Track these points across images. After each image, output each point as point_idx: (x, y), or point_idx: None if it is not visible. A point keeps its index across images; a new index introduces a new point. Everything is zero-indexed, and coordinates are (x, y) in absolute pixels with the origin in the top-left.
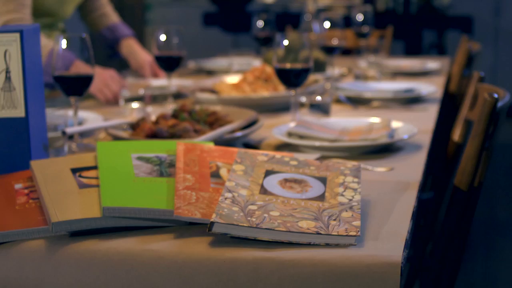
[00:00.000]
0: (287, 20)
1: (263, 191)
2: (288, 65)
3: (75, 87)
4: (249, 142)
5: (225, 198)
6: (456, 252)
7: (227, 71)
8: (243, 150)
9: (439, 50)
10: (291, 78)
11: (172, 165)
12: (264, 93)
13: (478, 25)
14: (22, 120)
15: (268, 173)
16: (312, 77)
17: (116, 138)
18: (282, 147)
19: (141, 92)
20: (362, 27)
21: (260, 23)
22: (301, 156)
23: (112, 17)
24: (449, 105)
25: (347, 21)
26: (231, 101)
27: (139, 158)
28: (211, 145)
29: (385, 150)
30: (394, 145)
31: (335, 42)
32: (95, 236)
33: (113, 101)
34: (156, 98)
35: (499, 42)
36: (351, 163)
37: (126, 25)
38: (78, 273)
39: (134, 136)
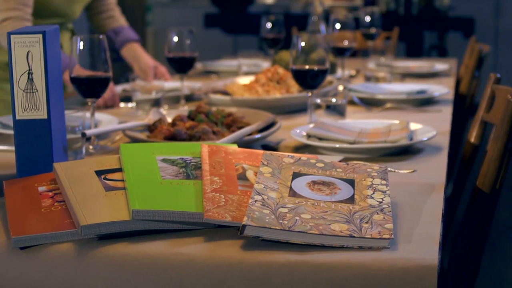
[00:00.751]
0: (291, 21)
1: (292, 193)
2: (305, 67)
3: (93, 89)
4: (268, 144)
5: (255, 201)
6: (477, 254)
7: (236, 72)
8: (268, 152)
9: (440, 51)
10: (308, 79)
11: (197, 167)
12: (277, 94)
13: (478, 26)
14: (45, 121)
15: (295, 175)
16: (327, 78)
17: (134, 140)
18: (301, 148)
19: (154, 94)
20: (369, 28)
21: (268, 25)
22: (325, 158)
23: (119, 20)
24: (460, 106)
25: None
26: (245, 102)
27: (164, 160)
28: (235, 147)
29: (405, 152)
30: (413, 146)
31: (345, 43)
32: (124, 239)
33: (102, 107)
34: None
35: (499, 43)
36: (377, 165)
37: (132, 30)
38: (108, 277)
39: (152, 138)
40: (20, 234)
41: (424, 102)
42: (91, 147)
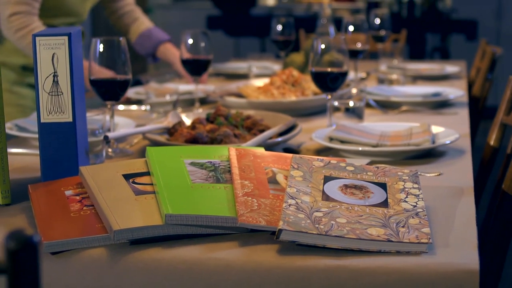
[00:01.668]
0: (296, 24)
1: (326, 197)
2: (326, 69)
3: (112, 92)
4: (290, 147)
5: (289, 205)
6: (501, 256)
7: (245, 75)
8: (297, 155)
9: (443, 53)
10: (328, 82)
11: (226, 170)
12: (292, 97)
13: (480, 28)
14: (70, 124)
15: (326, 178)
16: None
17: (155, 143)
18: (322, 151)
19: (168, 97)
20: (379, 30)
21: (278, 27)
22: (354, 162)
23: (146, 23)
24: (472, 108)
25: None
26: (261, 105)
27: (193, 164)
28: (262, 150)
29: (427, 155)
30: (435, 149)
31: (359, 46)
32: (157, 244)
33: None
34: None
35: (501, 45)
36: (407, 169)
37: (159, 29)
38: (142, 282)
39: (172, 140)
40: (51, 239)
41: (439, 104)
42: (110, 150)
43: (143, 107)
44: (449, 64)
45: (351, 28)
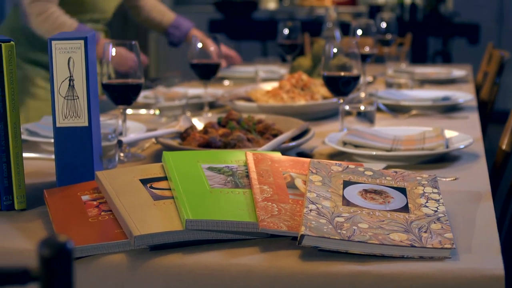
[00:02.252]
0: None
1: (346, 202)
2: (338, 73)
3: (125, 96)
4: (304, 151)
5: (310, 210)
6: None
7: (251, 79)
8: (315, 160)
9: (444, 57)
10: (340, 86)
11: (244, 175)
12: (302, 101)
13: (481, 32)
14: (85, 129)
15: (346, 183)
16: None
17: (168, 147)
18: (335, 155)
19: (176, 101)
20: (385, 34)
21: (285, 31)
22: (373, 167)
23: (170, 13)
24: (480, 112)
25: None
26: (272, 109)
27: (210, 169)
28: (278, 154)
29: (441, 159)
30: (449, 154)
31: (367, 49)
32: (177, 250)
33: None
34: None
35: (501, 49)
36: (425, 173)
37: (183, 18)
38: None
39: (185, 145)
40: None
41: (448, 108)
42: (122, 154)
43: (151, 111)
44: (455, 68)
45: (359, 32)
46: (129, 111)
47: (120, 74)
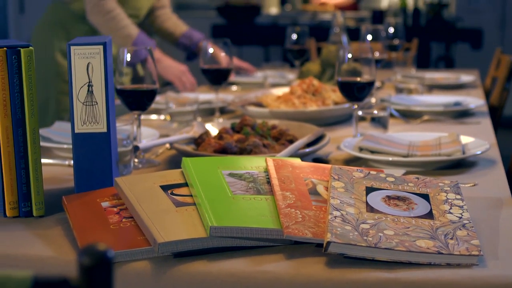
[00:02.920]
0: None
1: (370, 209)
2: (353, 79)
3: (139, 101)
4: (320, 157)
5: (335, 217)
6: None
7: (259, 84)
8: (337, 166)
9: (447, 62)
10: (355, 91)
11: (266, 182)
12: (313, 106)
13: (484, 37)
14: (104, 135)
15: (368, 190)
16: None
17: (183, 153)
18: (351, 161)
19: (188, 107)
20: (393, 40)
21: (294, 36)
22: (394, 173)
23: (182, 25)
24: (491, 117)
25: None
26: (284, 114)
27: (231, 175)
28: (298, 160)
29: (458, 165)
30: (466, 160)
31: (376, 55)
32: (201, 257)
33: (190, 90)
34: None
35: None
36: (447, 180)
37: (195, 30)
38: None
39: (200, 150)
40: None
41: (459, 114)
42: (136, 160)
43: (162, 117)
44: (462, 73)
45: (369, 37)
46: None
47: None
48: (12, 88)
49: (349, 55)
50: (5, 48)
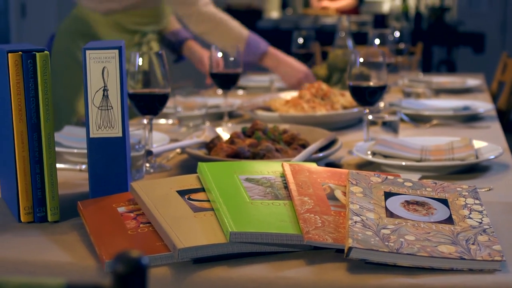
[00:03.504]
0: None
1: (389, 214)
2: (365, 83)
3: (151, 106)
4: (333, 162)
5: (355, 222)
6: None
7: (266, 88)
8: (354, 171)
9: (449, 66)
10: (367, 96)
11: (283, 186)
12: (323, 110)
13: (486, 41)
14: (120, 140)
15: (387, 195)
16: None
17: (196, 157)
18: (364, 166)
19: (196, 111)
20: (398, 44)
21: (300, 40)
22: (410, 177)
23: (175, 23)
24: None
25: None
26: (294, 119)
27: (248, 180)
28: (314, 165)
29: (471, 170)
30: (479, 164)
31: (380, 58)
32: (221, 263)
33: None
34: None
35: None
36: (465, 184)
37: (186, 30)
38: None
39: (213, 155)
40: (113, 258)
41: (468, 118)
42: (148, 165)
43: (170, 121)
44: (468, 77)
45: (377, 41)
46: (145, 121)
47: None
48: (27, 92)
49: (361, 60)
50: (20, 52)
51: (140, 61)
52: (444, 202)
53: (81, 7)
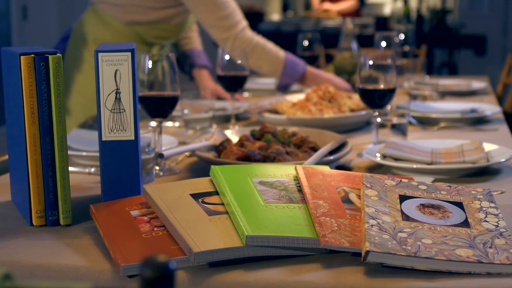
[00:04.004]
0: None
1: (405, 217)
2: (376, 86)
3: (161, 109)
4: (343, 165)
5: (371, 225)
6: None
7: (273, 91)
8: (368, 174)
9: (450, 69)
10: (376, 98)
11: (297, 190)
12: (330, 113)
13: (488, 44)
14: (132, 143)
15: (402, 198)
16: None
17: (206, 160)
18: (374, 169)
19: (204, 114)
20: (403, 46)
21: (305, 42)
22: (424, 180)
23: (194, 43)
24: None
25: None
26: (302, 121)
27: (262, 183)
28: (327, 168)
29: (482, 173)
30: (489, 167)
31: (389, 61)
32: (237, 266)
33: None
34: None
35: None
36: (479, 187)
37: (204, 54)
38: None
39: (223, 158)
40: (128, 261)
41: (476, 121)
42: (157, 168)
43: (177, 123)
44: (473, 79)
45: (383, 43)
46: (153, 123)
47: None
48: (39, 95)
49: (370, 62)
50: (33, 55)
51: (149, 63)
52: (459, 205)
53: (100, 12)
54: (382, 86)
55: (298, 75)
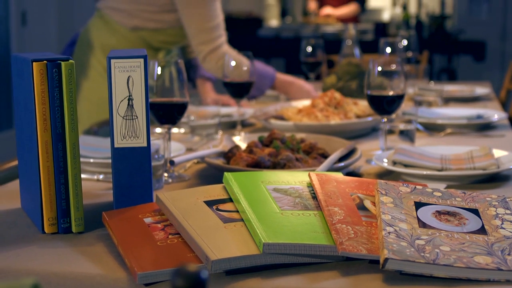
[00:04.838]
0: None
1: (422, 224)
2: (385, 92)
3: (169, 115)
4: (353, 171)
5: (389, 233)
6: None
7: (277, 97)
8: (382, 181)
9: (450, 75)
10: (385, 105)
11: (311, 197)
12: (336, 119)
13: (487, 49)
14: (144, 149)
15: (417, 205)
16: None
17: (216, 167)
18: (383, 175)
19: (211, 120)
20: (406, 52)
21: (308, 48)
22: (438, 187)
23: None
24: None
25: (373, 46)
26: (309, 128)
27: (276, 190)
28: (341, 175)
29: (492, 179)
30: (499, 173)
31: (393, 67)
32: (254, 274)
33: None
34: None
35: (505, 66)
36: (494, 194)
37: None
38: None
39: (233, 164)
40: (144, 270)
41: (482, 127)
42: (166, 175)
43: (182, 130)
44: (476, 85)
45: (388, 49)
46: (158, 129)
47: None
48: (52, 102)
49: (379, 68)
50: (45, 61)
51: (158, 70)
52: (475, 212)
53: (106, 18)
54: (391, 93)
55: (266, 88)
